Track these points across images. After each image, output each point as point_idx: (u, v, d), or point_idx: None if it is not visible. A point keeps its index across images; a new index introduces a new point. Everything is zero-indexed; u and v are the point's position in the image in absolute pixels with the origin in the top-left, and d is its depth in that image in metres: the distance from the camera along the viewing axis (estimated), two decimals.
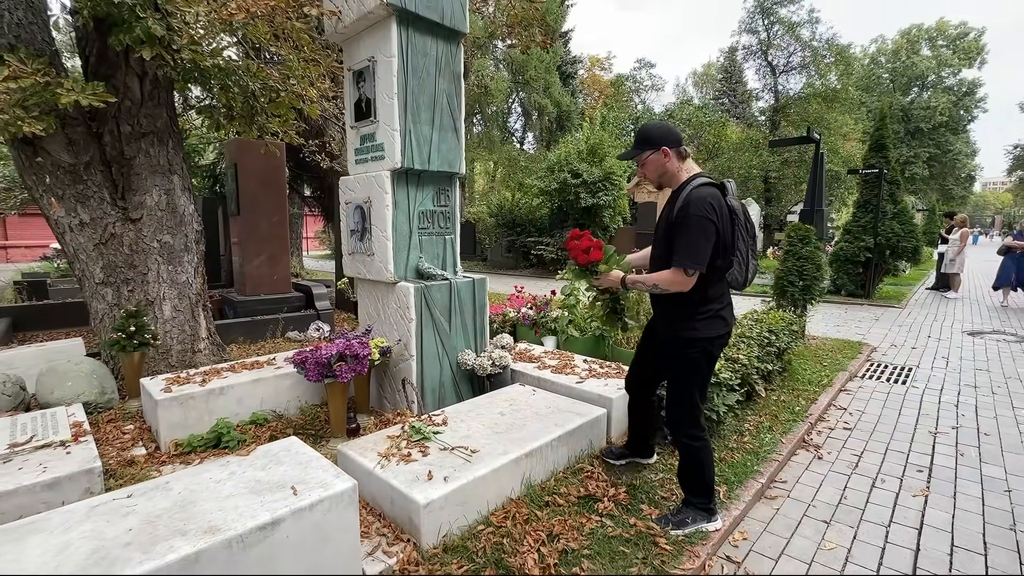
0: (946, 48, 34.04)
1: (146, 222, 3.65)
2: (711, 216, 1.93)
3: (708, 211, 1.93)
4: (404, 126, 3.10)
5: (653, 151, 2.07)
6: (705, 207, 1.93)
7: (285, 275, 5.65)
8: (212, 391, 3.11)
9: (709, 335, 2.11)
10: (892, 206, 9.19)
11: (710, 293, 2.09)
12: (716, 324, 2.12)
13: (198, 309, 3.97)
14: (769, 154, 16.04)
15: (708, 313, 2.10)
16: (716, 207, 1.96)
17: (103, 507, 1.60)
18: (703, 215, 1.92)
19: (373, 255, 3.30)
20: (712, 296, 2.10)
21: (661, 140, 2.05)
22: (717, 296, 2.12)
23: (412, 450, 2.44)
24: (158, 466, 2.78)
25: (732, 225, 2.02)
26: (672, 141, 2.05)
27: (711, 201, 1.95)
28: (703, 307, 2.09)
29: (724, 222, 1.98)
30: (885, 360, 5.42)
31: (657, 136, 2.06)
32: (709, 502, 2.25)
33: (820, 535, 2.36)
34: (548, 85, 20.73)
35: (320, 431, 3.21)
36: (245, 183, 5.20)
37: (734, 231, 2.02)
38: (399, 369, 3.32)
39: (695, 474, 2.25)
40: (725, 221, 1.99)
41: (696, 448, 2.20)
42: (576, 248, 2.33)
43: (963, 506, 2.59)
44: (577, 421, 2.80)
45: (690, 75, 41.72)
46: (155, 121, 3.62)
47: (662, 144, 2.05)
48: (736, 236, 2.03)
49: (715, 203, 1.96)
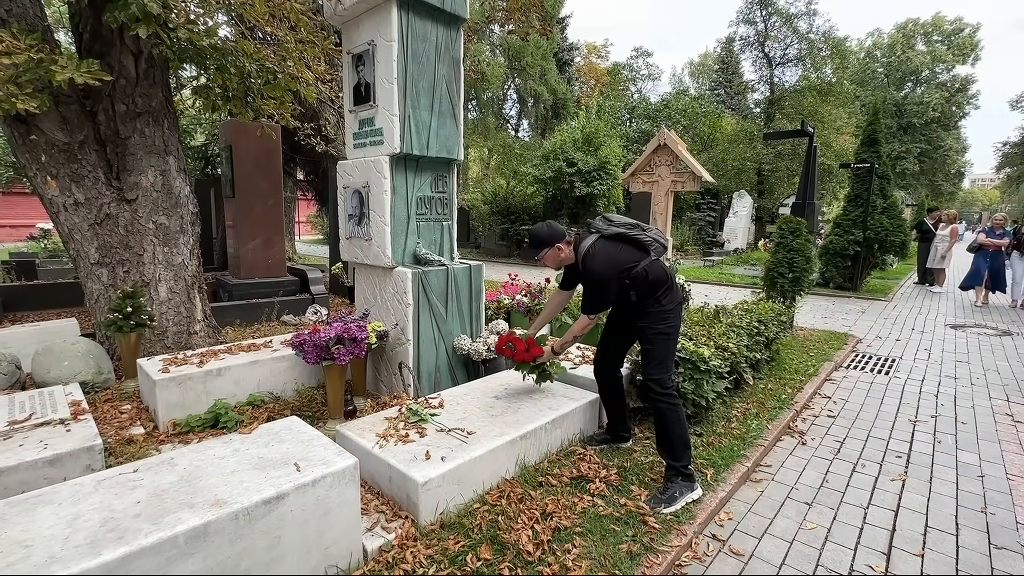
0: (941, 43, 34.17)
1: (141, 203, 3.63)
2: (604, 276, 2.43)
3: (601, 273, 2.43)
4: (403, 111, 3.11)
5: (549, 248, 2.55)
6: (598, 271, 2.44)
7: (280, 259, 5.65)
8: (210, 372, 3.14)
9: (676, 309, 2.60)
10: (882, 200, 9.32)
11: (658, 297, 2.51)
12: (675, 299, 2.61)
13: (194, 291, 3.97)
14: (763, 146, 16.11)
15: (669, 302, 2.53)
16: (607, 266, 2.43)
17: (110, 481, 1.64)
18: (596, 280, 2.47)
19: (371, 240, 3.32)
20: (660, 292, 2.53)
21: (553, 240, 2.54)
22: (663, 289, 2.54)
23: (410, 431, 2.49)
24: (157, 444, 2.81)
25: (630, 248, 2.50)
26: (560, 238, 2.55)
27: (600, 264, 2.44)
28: (664, 300, 2.52)
29: (624, 261, 2.45)
30: (870, 351, 5.56)
31: (548, 237, 2.54)
32: (689, 462, 2.45)
33: (802, 516, 2.46)
34: (544, 72, 20.58)
35: (317, 413, 3.26)
36: (240, 165, 5.16)
37: (630, 249, 2.50)
38: (396, 353, 3.37)
39: (677, 432, 2.41)
40: (616, 266, 2.44)
41: (676, 405, 2.46)
42: (520, 352, 2.78)
43: (938, 490, 2.71)
44: (570, 405, 2.87)
45: (686, 65, 41.57)
46: (150, 101, 3.58)
47: (555, 242, 2.54)
48: (632, 249, 2.49)
49: (605, 263, 2.43)
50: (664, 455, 2.49)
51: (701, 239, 16.49)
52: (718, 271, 12.70)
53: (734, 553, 2.17)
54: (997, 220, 8.77)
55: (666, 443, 2.45)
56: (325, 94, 5.97)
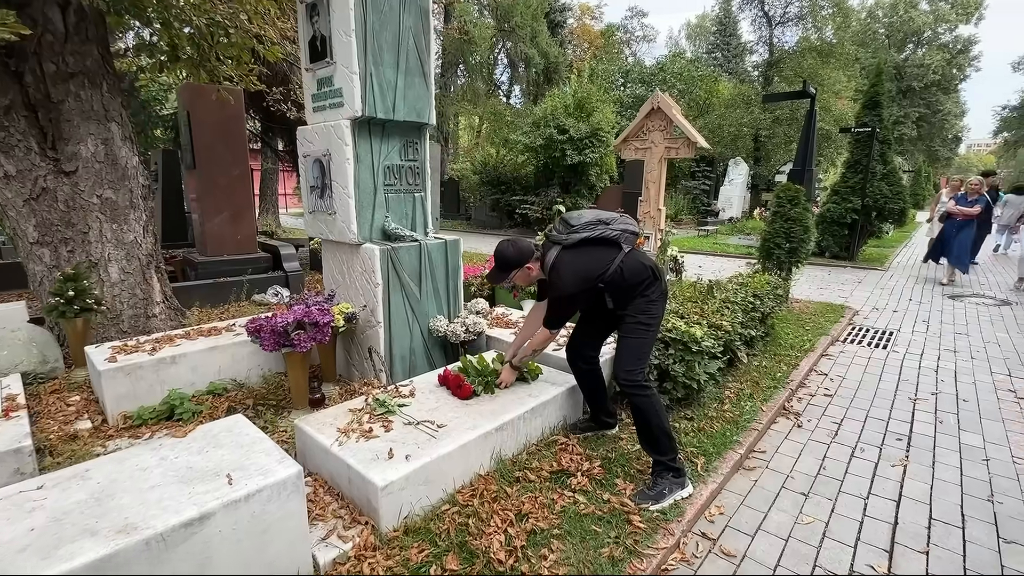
0: (944, 2, 33.08)
1: (82, 175, 3.30)
2: (568, 292, 2.25)
3: (564, 289, 2.25)
4: (364, 68, 2.77)
5: (518, 270, 2.34)
6: (561, 288, 2.25)
7: (250, 234, 5.32)
8: (163, 360, 2.90)
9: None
10: (882, 167, 9.02)
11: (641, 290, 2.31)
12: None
13: (150, 271, 3.69)
14: (761, 111, 15.61)
15: (654, 292, 2.33)
16: (573, 282, 2.24)
17: (6, 502, 1.41)
18: (559, 296, 2.29)
19: (335, 214, 3.04)
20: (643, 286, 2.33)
21: (520, 260, 2.32)
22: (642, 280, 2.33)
23: (374, 425, 2.28)
24: (104, 441, 2.59)
25: (599, 250, 2.28)
26: (528, 257, 2.33)
27: (565, 279, 2.24)
28: (649, 291, 2.32)
29: (592, 270, 2.25)
30: (867, 324, 5.39)
31: (516, 258, 2.32)
32: (676, 453, 2.27)
33: (798, 508, 2.29)
34: (535, 34, 19.69)
35: (283, 401, 3.04)
36: (200, 133, 4.77)
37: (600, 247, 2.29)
38: (366, 336, 3.13)
39: (659, 424, 2.22)
40: (586, 278, 2.25)
41: (651, 395, 2.25)
42: (454, 390, 2.60)
43: (942, 476, 2.55)
44: (551, 392, 2.66)
45: (683, 26, 40.18)
46: (84, 60, 3.21)
47: (524, 263, 2.32)
48: (601, 249, 2.28)
49: (572, 279, 2.24)
50: (648, 450, 2.30)
51: (696, 208, 16.17)
52: (712, 241, 12.47)
53: (725, 554, 2.00)
54: (972, 184, 7.54)
55: (648, 437, 2.26)
56: (294, 55, 5.52)
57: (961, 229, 7.38)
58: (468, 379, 2.63)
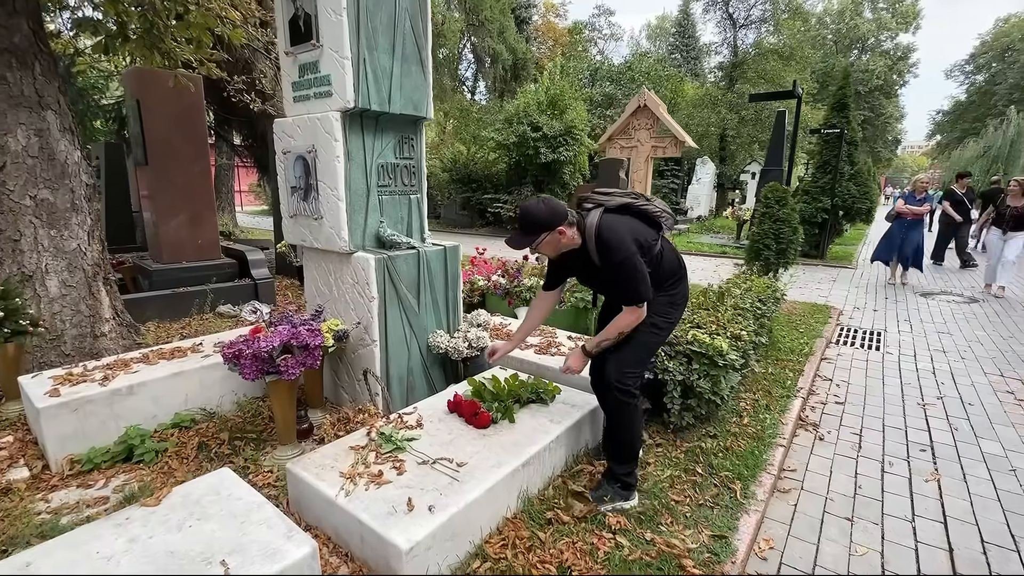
0: (886, 11, 34.97)
1: (11, 173, 2.79)
2: (632, 249, 1.90)
3: (629, 245, 1.90)
4: (357, 53, 2.43)
5: (548, 234, 1.94)
6: (624, 245, 1.89)
7: (213, 238, 4.80)
8: (117, 392, 2.47)
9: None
10: (850, 167, 9.26)
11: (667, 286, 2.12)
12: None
13: (97, 283, 3.20)
14: (727, 112, 15.90)
15: (678, 293, 2.17)
16: (631, 238, 1.92)
17: None
18: (625, 259, 1.89)
19: (322, 219, 2.68)
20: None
21: (554, 222, 1.92)
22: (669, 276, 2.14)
23: (383, 466, 1.97)
24: (46, 492, 2.16)
25: (640, 222, 2.03)
26: (562, 218, 1.92)
27: (621, 235, 1.91)
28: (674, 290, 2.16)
29: (643, 236, 1.98)
30: (853, 324, 5.43)
31: (548, 219, 1.92)
32: (634, 469, 2.16)
33: (847, 537, 2.14)
34: (503, 29, 19.37)
35: (264, 432, 2.66)
36: (152, 124, 4.22)
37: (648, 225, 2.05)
38: (358, 356, 2.79)
39: (632, 438, 2.11)
40: (644, 234, 1.99)
41: (638, 408, 2.12)
42: (469, 419, 2.29)
43: (977, 491, 2.47)
44: (574, 415, 2.42)
45: (644, 27, 40.74)
46: (10, 36, 2.70)
47: (557, 225, 1.92)
48: (643, 223, 2.04)
49: (626, 236, 1.92)
50: (608, 456, 2.21)
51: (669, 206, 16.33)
52: (686, 239, 12.58)
53: None
54: (921, 182, 7.24)
55: (614, 444, 2.14)
56: (259, 40, 5.03)
57: (911, 229, 7.15)
58: (484, 405, 2.34)
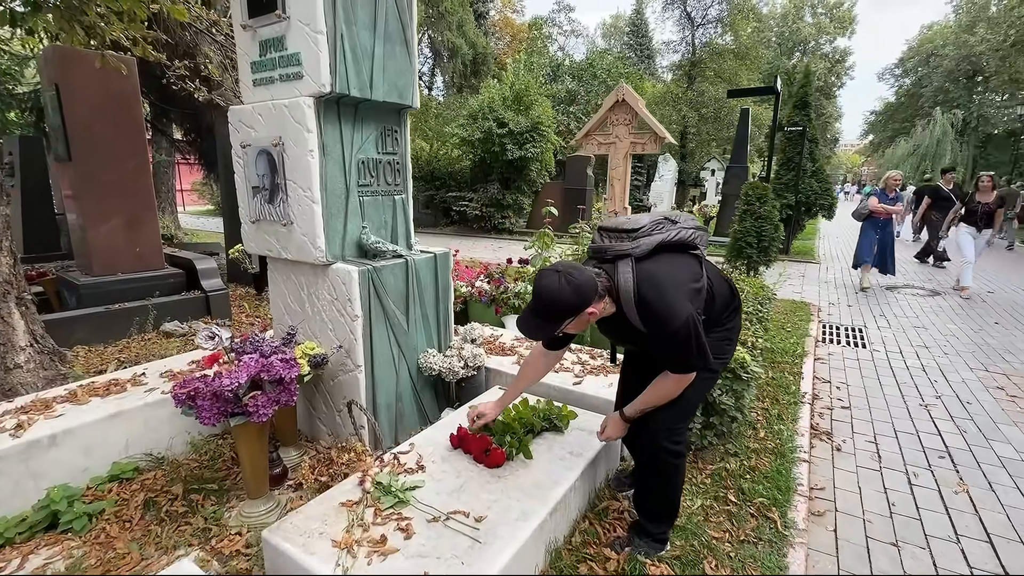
0: (825, 16, 36.85)
1: None
2: (689, 315, 1.49)
3: (683, 314, 1.49)
4: (333, 27, 2.04)
5: (575, 317, 1.54)
6: (677, 314, 1.48)
7: (154, 244, 4.20)
8: (36, 443, 1.99)
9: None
10: (811, 164, 9.48)
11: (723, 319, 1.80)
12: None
13: (7, 304, 2.64)
14: (688, 109, 16.13)
15: (734, 326, 1.87)
16: (681, 294, 1.53)
17: None
18: (681, 327, 1.48)
19: (292, 224, 2.27)
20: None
21: (583, 303, 1.51)
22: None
23: (386, 528, 1.62)
24: None
25: (680, 258, 1.66)
26: (592, 295, 1.52)
27: (671, 295, 1.52)
28: (730, 324, 1.84)
29: (692, 283, 1.60)
30: (833, 320, 5.45)
31: (575, 304, 1.50)
32: (671, 528, 1.91)
33: (899, 566, 1.96)
34: (463, 22, 18.92)
35: (227, 479, 2.24)
36: (75, 113, 3.59)
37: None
38: (338, 383, 2.40)
39: (673, 499, 1.84)
40: (691, 279, 1.61)
41: (683, 466, 1.82)
42: (479, 457, 1.98)
43: (1008, 501, 2.37)
44: (595, 445, 2.13)
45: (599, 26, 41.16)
46: None
47: (586, 307, 1.52)
48: (683, 258, 1.67)
49: (676, 291, 1.53)
50: (641, 513, 1.90)
51: (632, 203, 16.43)
52: None
53: None
54: (893, 179, 6.87)
55: (655, 504, 1.85)
56: (204, 19, 4.45)
57: (884, 228, 6.83)
58: (495, 439, 2.02)
